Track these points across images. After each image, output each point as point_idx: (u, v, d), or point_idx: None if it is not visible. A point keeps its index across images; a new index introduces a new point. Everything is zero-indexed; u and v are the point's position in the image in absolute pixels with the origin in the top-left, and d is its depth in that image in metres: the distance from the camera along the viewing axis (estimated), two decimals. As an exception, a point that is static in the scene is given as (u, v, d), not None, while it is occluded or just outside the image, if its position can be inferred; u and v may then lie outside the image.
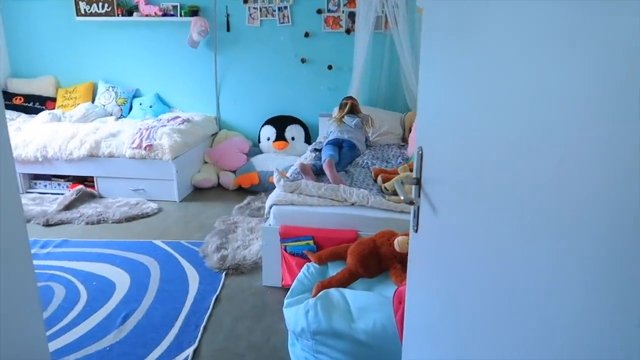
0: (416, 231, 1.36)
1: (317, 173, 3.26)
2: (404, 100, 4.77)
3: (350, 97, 4.23)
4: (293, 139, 4.93)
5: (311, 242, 2.79)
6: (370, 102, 4.82)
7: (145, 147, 4.23)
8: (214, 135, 5.12)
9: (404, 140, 4.40)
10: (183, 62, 5.11)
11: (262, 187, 4.54)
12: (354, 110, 4.09)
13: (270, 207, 2.90)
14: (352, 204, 2.86)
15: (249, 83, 5.09)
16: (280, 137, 4.92)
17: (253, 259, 3.19)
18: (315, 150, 3.90)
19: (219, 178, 4.74)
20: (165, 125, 4.52)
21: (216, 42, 4.99)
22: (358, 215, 2.79)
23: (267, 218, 2.95)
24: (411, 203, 1.22)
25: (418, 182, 1.33)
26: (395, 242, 2.46)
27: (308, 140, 4.99)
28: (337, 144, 3.75)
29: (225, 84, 5.14)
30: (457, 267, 1.04)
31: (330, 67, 4.87)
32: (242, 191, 4.58)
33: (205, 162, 4.88)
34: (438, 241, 1.20)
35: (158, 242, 3.52)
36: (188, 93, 5.23)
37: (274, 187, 4.48)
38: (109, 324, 2.55)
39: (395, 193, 2.93)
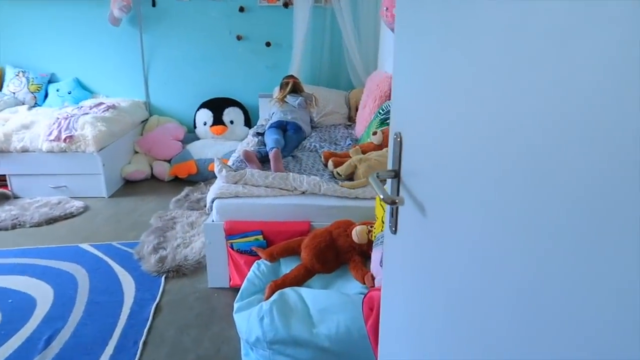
0: (394, 232, 1.14)
1: (263, 160, 2.98)
2: (348, 78, 4.56)
3: (292, 76, 3.96)
4: (232, 122, 4.59)
5: (260, 237, 2.53)
6: (312, 81, 4.57)
7: (65, 139, 3.76)
8: (144, 122, 4.69)
9: (351, 119, 4.19)
10: (105, 42, 4.61)
11: (201, 177, 4.20)
12: (296, 89, 3.82)
13: (212, 201, 2.60)
14: (303, 193, 2.63)
15: (180, 64, 4.67)
16: (217, 121, 4.57)
17: (196, 258, 2.89)
18: (258, 134, 3.62)
19: (152, 169, 4.34)
20: (87, 113, 4.05)
21: (141, 18, 4.52)
22: (310, 204, 2.56)
23: (209, 213, 2.66)
24: (393, 203, 1.00)
25: (396, 174, 1.11)
26: (353, 232, 2.26)
27: (248, 123, 4.68)
28: (281, 126, 3.48)
29: (154, 65, 4.70)
30: (449, 273, 0.83)
31: (268, 44, 4.55)
32: (178, 182, 4.22)
33: (136, 152, 4.45)
34: (424, 244, 0.99)
35: (85, 246, 3.13)
36: (112, 76, 4.73)
37: (214, 176, 4.17)
38: (29, 349, 2.19)
39: (349, 178, 2.72)
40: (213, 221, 2.61)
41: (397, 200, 1.00)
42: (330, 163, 2.85)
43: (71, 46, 4.63)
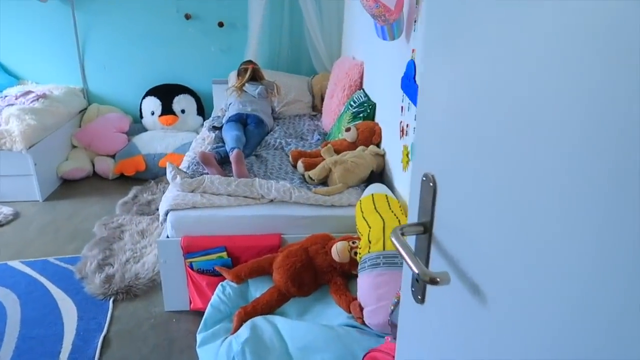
0: (421, 302, 0.87)
1: (222, 162, 2.63)
2: (310, 62, 4.22)
3: (250, 61, 3.58)
4: (183, 111, 4.16)
5: (224, 254, 2.21)
6: (271, 65, 4.19)
7: (-14, 136, 3.24)
8: (83, 111, 4.17)
9: (315, 108, 3.87)
10: (31, 19, 4.03)
11: (151, 174, 3.78)
12: (255, 76, 3.46)
13: (166, 214, 2.25)
14: (272, 201, 2.32)
15: (121, 45, 4.16)
16: (167, 110, 4.13)
17: (149, 276, 2.54)
18: (214, 128, 3.24)
19: (94, 166, 3.87)
20: (12, 104, 3.52)
21: (72, -7, 3.97)
22: (280, 215, 2.26)
23: (163, 225, 2.30)
24: (434, 282, 0.71)
25: (426, 229, 0.82)
26: (334, 250, 1.98)
27: (201, 112, 4.26)
28: (241, 120, 3.12)
29: (90, 46, 4.16)
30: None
31: (221, 25, 4.12)
32: (125, 180, 3.78)
33: (74, 147, 3.96)
34: (477, 334, 0.72)
35: (15, 264, 2.70)
36: (42, 59, 4.17)
37: (164, 172, 3.77)
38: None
39: (323, 183, 2.42)
40: (168, 237, 2.25)
41: (439, 280, 0.71)
42: (300, 165, 2.54)
43: (-9, 25, 4.02)
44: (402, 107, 2.11)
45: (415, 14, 1.89)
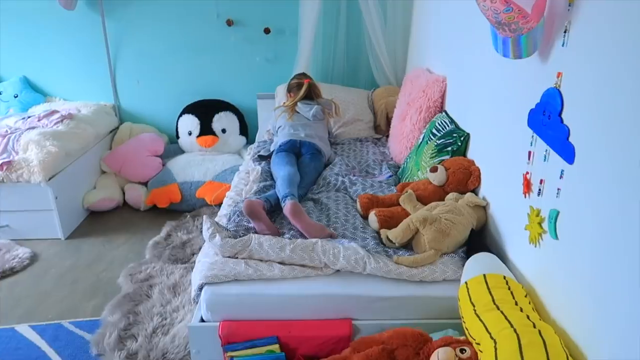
0: None
1: (273, 210, 2.07)
2: (369, 73, 3.62)
3: (305, 75, 3.00)
4: (224, 131, 3.65)
5: (276, 347, 1.65)
6: (324, 77, 3.61)
7: (2, 166, 2.81)
8: (114, 131, 3.73)
9: (378, 129, 3.26)
10: (58, 30, 3.61)
11: (187, 205, 3.28)
12: (311, 93, 2.88)
13: (200, 288, 1.70)
14: (338, 272, 1.73)
15: (156, 57, 3.69)
16: (206, 129, 3.62)
17: (180, 355, 2.00)
18: (261, 158, 2.68)
19: (124, 194, 3.41)
20: (34, 128, 3.09)
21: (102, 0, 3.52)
22: (351, 294, 1.67)
23: (196, 302, 1.76)
24: None
25: None
26: (434, 358, 1.38)
27: (244, 131, 3.73)
28: (293, 149, 2.55)
29: (123, 59, 3.71)
30: None
31: (267, 31, 3.58)
32: (158, 212, 3.29)
33: (103, 172, 3.51)
34: None
35: (23, 329, 2.23)
36: (70, 74, 3.75)
37: (202, 204, 3.27)
38: None
39: (406, 245, 1.82)
40: (202, 320, 1.71)
41: None
42: (373, 218, 1.94)
43: (16, 36, 3.63)
44: (530, 152, 1.47)
45: (567, 21, 1.25)
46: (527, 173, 1.50)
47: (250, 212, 1.91)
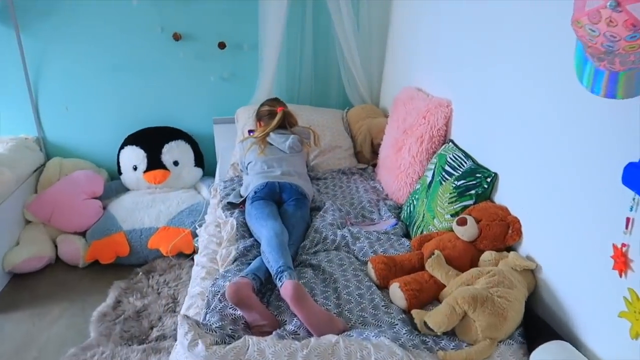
0: None
1: (264, 286, 1.59)
2: (342, 91, 3.21)
3: (277, 101, 2.54)
4: (176, 163, 3.11)
5: None
6: (289, 97, 3.17)
7: None
8: (39, 170, 3.08)
9: (359, 157, 2.85)
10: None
11: (137, 259, 2.72)
12: (285, 123, 2.43)
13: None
14: (367, 378, 1.30)
15: (88, 77, 3.09)
16: (154, 163, 3.07)
17: None
18: (230, 205, 2.18)
19: (56, 249, 2.79)
20: None
21: (14, 10, 2.88)
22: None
23: None
24: None
25: None
26: None
27: (200, 162, 3.21)
28: (272, 196, 2.08)
29: (46, 81, 3.08)
30: None
31: (222, 46, 3.08)
32: (101, 270, 2.71)
33: (29, 223, 2.87)
34: None
35: None
36: (-21, 102, 3.07)
37: (156, 256, 2.73)
38: None
39: (447, 331, 1.41)
40: None
41: None
42: (399, 294, 1.52)
43: None
44: (629, 220, 1.11)
45: None
46: (624, 245, 1.14)
47: (238, 301, 1.43)
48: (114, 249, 2.70)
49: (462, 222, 1.63)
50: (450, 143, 2.05)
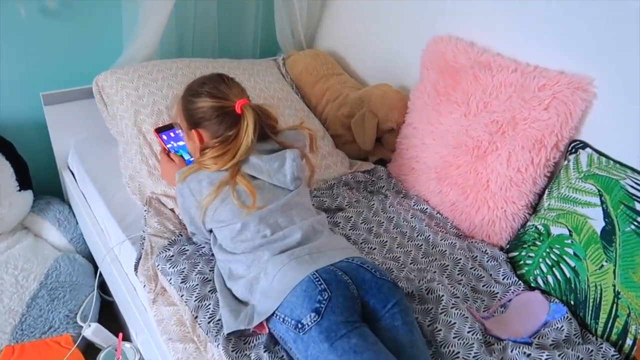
0: None
1: None
2: (257, 25, 1.99)
3: (222, 80, 1.19)
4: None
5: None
6: (179, 49, 1.82)
7: None
8: None
9: (345, 148, 1.75)
10: None
11: None
12: (264, 129, 1.20)
13: None
14: None
15: None
16: None
17: None
18: (232, 335, 1.00)
19: None
20: None
21: None
22: None
23: None
24: None
25: None
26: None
27: (25, 178, 1.69)
28: (351, 302, 0.97)
29: None
30: None
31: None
32: None
33: None
34: None
35: None
36: None
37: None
38: None
39: None
40: None
41: None
42: None
43: None
44: None
45: None
46: None
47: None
48: None
49: None
50: (591, 150, 1.25)
